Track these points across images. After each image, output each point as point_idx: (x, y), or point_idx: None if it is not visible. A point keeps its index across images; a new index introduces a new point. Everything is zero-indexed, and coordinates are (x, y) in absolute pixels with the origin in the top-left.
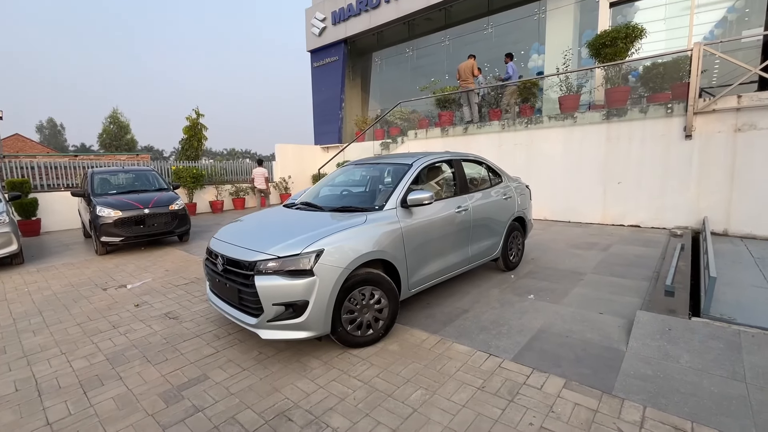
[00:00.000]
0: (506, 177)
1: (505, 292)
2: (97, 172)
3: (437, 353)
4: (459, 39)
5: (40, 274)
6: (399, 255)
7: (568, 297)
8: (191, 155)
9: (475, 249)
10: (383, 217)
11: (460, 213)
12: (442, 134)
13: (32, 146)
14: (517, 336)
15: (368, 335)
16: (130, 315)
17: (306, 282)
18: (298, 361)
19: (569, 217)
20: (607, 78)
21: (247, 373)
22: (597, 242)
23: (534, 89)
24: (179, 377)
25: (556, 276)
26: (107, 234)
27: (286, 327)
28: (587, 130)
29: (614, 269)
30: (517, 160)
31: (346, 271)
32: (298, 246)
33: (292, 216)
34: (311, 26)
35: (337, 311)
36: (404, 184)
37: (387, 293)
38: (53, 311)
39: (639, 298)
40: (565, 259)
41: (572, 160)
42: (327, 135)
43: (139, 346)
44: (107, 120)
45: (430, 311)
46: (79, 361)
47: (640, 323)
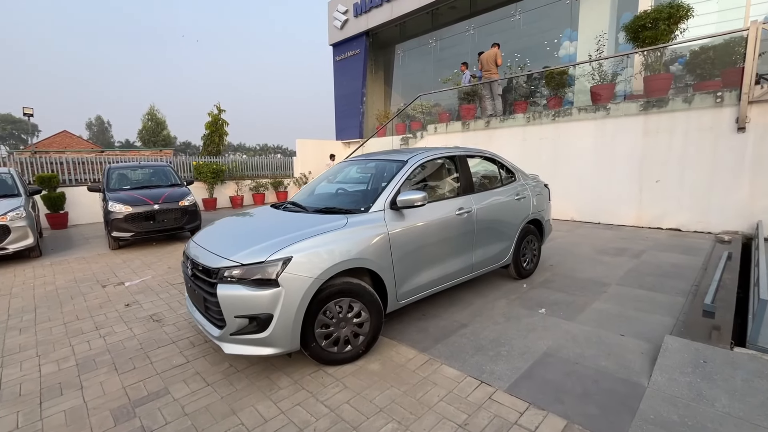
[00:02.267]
0: (521, 175)
1: (513, 305)
2: (113, 168)
3: (422, 377)
4: (485, 28)
5: (51, 268)
6: (384, 263)
7: (585, 313)
8: (213, 151)
9: (481, 255)
10: (367, 220)
11: (462, 215)
12: (463, 128)
13: (78, 142)
14: (517, 360)
15: (346, 352)
16: (117, 315)
17: (270, 293)
18: (268, 377)
19: (599, 218)
20: (647, 64)
21: (209, 390)
22: (628, 248)
23: (562, 79)
24: (139, 390)
25: (575, 286)
26: (118, 229)
27: (249, 342)
28: (621, 123)
29: (645, 280)
30: (542, 155)
31: (318, 281)
32: (263, 252)
33: (271, 217)
34: (333, 19)
35: (310, 325)
36: (395, 184)
37: (368, 306)
38: (47, 308)
39: (671, 317)
40: (588, 266)
41: (604, 155)
42: (348, 130)
43: (113, 351)
44: (145, 117)
45: (424, 324)
46: (49, 366)
47: (668, 351)
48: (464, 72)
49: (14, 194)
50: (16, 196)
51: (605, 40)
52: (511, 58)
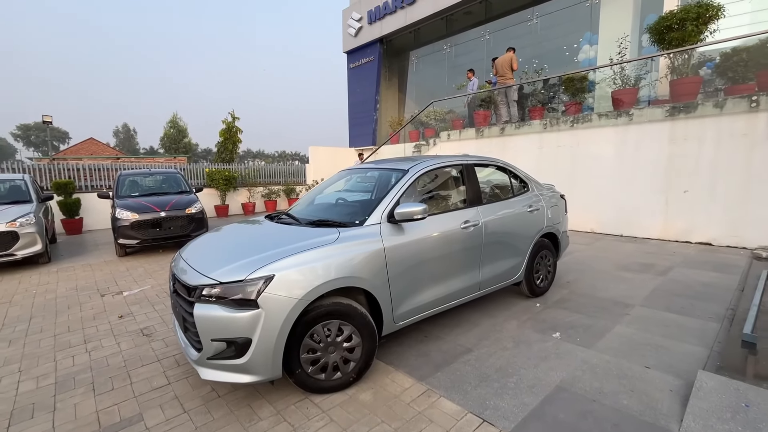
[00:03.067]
0: (534, 185)
1: (525, 327)
2: (124, 175)
3: (416, 411)
4: (501, 33)
5: (56, 275)
6: (379, 281)
7: (606, 339)
8: (226, 158)
9: (489, 272)
10: (361, 235)
11: (468, 229)
12: (477, 135)
13: (104, 149)
14: (526, 394)
15: (335, 379)
16: (109, 328)
17: (249, 315)
18: (249, 405)
19: (621, 229)
20: (673, 67)
21: (184, 418)
22: (653, 263)
23: (581, 84)
24: (112, 416)
25: (593, 307)
26: (124, 236)
27: (227, 368)
28: (645, 129)
29: (673, 301)
30: (559, 163)
31: (303, 302)
32: (243, 270)
33: (261, 230)
34: (348, 27)
35: (295, 350)
36: (394, 195)
37: (360, 329)
38: (42, 317)
39: (704, 347)
40: (608, 284)
41: (626, 163)
42: (362, 137)
43: (96, 369)
44: (168, 124)
45: (425, 348)
46: (28, 383)
47: (703, 391)
48: (471, 79)
49: (26, 200)
50: (28, 202)
51: (627, 43)
52: (528, 64)
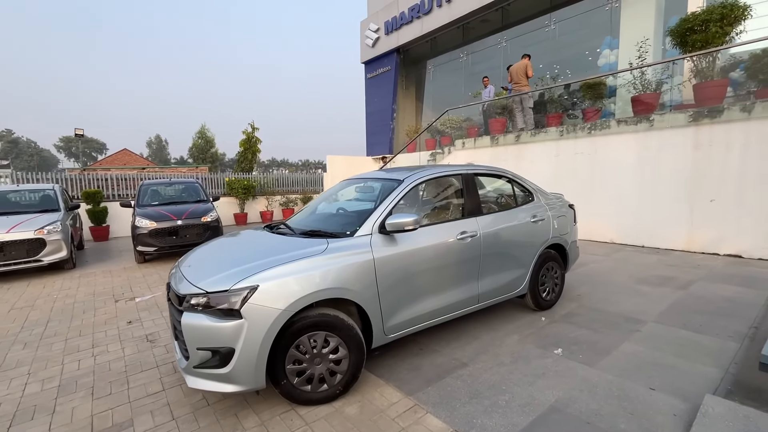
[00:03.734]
0: (539, 195)
1: (525, 342)
2: (145, 184)
3: (401, 427)
4: (517, 39)
5: (78, 280)
6: (368, 293)
7: (611, 357)
8: (245, 167)
9: (489, 284)
10: (350, 246)
11: (465, 240)
12: (492, 143)
13: (136, 159)
14: (516, 413)
15: (321, 391)
16: (117, 333)
17: (232, 325)
18: (235, 415)
19: (642, 240)
20: (697, 71)
21: (172, 425)
22: (674, 276)
23: (599, 89)
24: (105, 420)
25: (602, 322)
26: (142, 243)
27: (211, 377)
28: (667, 136)
29: (690, 318)
30: (577, 171)
31: (287, 313)
32: (229, 280)
33: (254, 240)
34: (365, 38)
35: (281, 360)
36: (387, 205)
37: (347, 341)
38: (58, 322)
39: (718, 368)
40: (622, 298)
41: (647, 171)
42: (379, 146)
43: (98, 373)
44: (197, 135)
45: (418, 361)
46: (34, 385)
47: (708, 417)
48: (487, 86)
49: (54, 209)
50: (56, 211)
51: (648, 47)
52: (546, 70)
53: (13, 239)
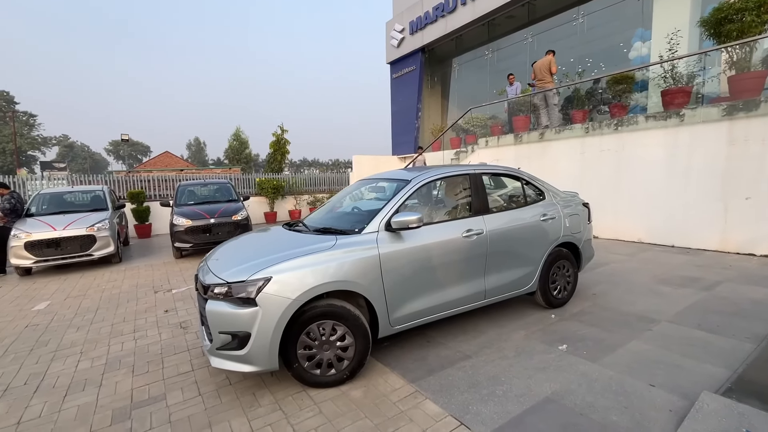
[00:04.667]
0: (551, 193)
1: (532, 338)
2: (182, 185)
3: (400, 410)
4: (544, 35)
5: (123, 273)
6: (374, 286)
7: (616, 354)
8: (275, 168)
9: (496, 281)
10: (358, 242)
11: (471, 237)
12: (516, 141)
13: (177, 161)
14: (511, 403)
15: (329, 375)
16: (155, 320)
17: (248, 312)
18: (253, 394)
19: (672, 240)
20: (732, 62)
21: (198, 400)
22: (700, 277)
23: (627, 84)
24: (143, 393)
25: (613, 321)
26: (179, 240)
27: (231, 358)
28: (699, 131)
29: (708, 319)
30: (603, 169)
31: (297, 302)
32: (246, 272)
33: (273, 237)
34: (390, 38)
35: (293, 345)
36: (393, 204)
37: (353, 330)
38: (106, 309)
39: (727, 369)
40: (639, 298)
41: (677, 168)
42: (404, 145)
43: (138, 354)
44: (232, 137)
45: (424, 352)
46: (85, 362)
47: (702, 413)
48: (512, 83)
49: (103, 208)
50: (104, 210)
51: (680, 38)
52: (574, 65)
53: (69, 235)
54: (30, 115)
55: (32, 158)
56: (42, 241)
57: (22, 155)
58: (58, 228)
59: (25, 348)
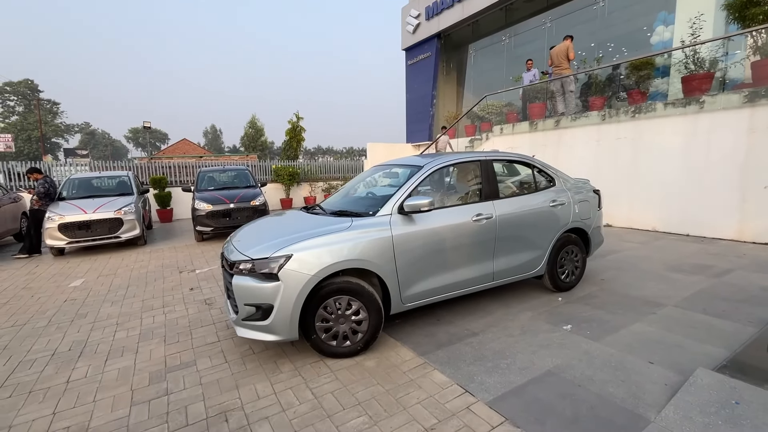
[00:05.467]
0: (561, 180)
1: (538, 318)
2: (202, 171)
3: (410, 378)
4: (563, 19)
5: (149, 254)
6: (386, 265)
7: (618, 334)
8: (290, 155)
9: (504, 264)
10: (372, 224)
11: (480, 221)
12: (531, 128)
13: (194, 148)
14: (514, 374)
15: (345, 347)
16: (182, 297)
17: (272, 286)
18: (275, 362)
19: (687, 229)
20: (756, 47)
21: (225, 366)
22: (712, 265)
23: (647, 70)
24: (175, 359)
25: (620, 305)
26: (201, 224)
27: (255, 328)
28: (718, 118)
29: (714, 304)
30: (619, 157)
31: (315, 278)
32: (269, 250)
33: (292, 219)
34: (406, 24)
35: (311, 318)
36: (406, 189)
37: (367, 305)
38: (136, 287)
39: (726, 349)
40: (648, 283)
41: (696, 156)
42: (419, 133)
43: (168, 326)
44: (248, 125)
45: (434, 329)
46: (121, 332)
47: (695, 386)
48: (529, 69)
49: (129, 193)
50: (130, 194)
51: (702, 23)
52: (594, 52)
53: (98, 218)
54: (53, 103)
55: (56, 145)
56: (74, 223)
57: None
58: (89, 211)
59: (66, 319)
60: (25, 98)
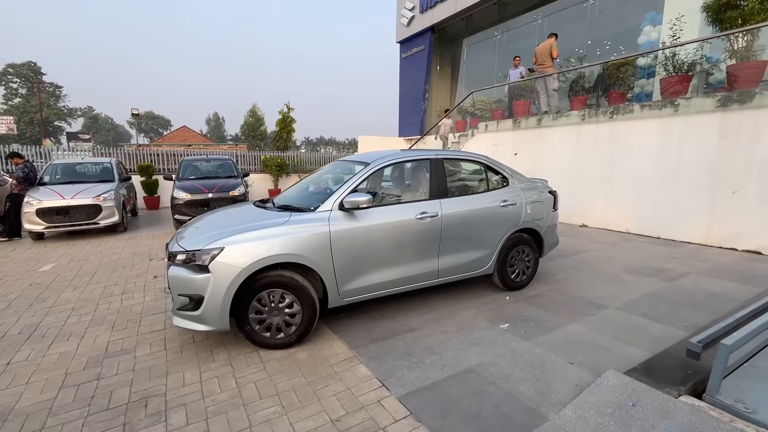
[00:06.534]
0: (515, 180)
1: (479, 316)
2: (185, 160)
3: (334, 372)
4: (554, 16)
5: (126, 242)
6: (323, 261)
7: (551, 334)
8: (281, 146)
9: (450, 261)
10: (309, 219)
11: (424, 219)
12: (514, 126)
13: (194, 136)
14: (435, 370)
15: (278, 339)
16: (143, 285)
17: (202, 278)
18: (210, 351)
19: (659, 231)
20: (733, 51)
21: (162, 354)
22: (669, 268)
23: (628, 70)
24: (117, 345)
25: (564, 305)
26: (179, 213)
27: (188, 317)
28: (692, 122)
29: (656, 307)
30: (597, 157)
31: (246, 272)
32: (203, 242)
33: (238, 212)
34: (401, 16)
35: (245, 310)
36: (349, 185)
37: (300, 299)
38: (103, 273)
39: (649, 352)
40: (599, 285)
41: (668, 159)
42: (411, 127)
43: (121, 313)
44: (248, 114)
45: (375, 323)
46: (73, 317)
47: (600, 387)
48: (517, 66)
49: (110, 180)
50: (111, 181)
51: (683, 24)
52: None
53: (76, 204)
54: (56, 87)
55: (58, 129)
56: (52, 208)
57: (49, 126)
58: (67, 197)
59: (25, 303)
60: (28, 81)
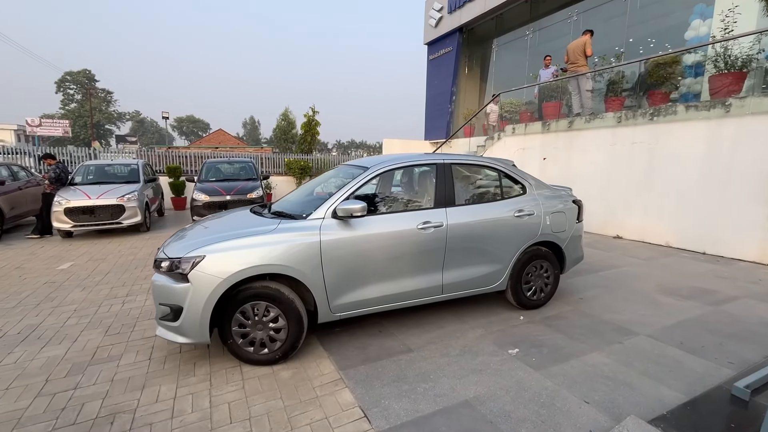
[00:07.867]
0: (533, 187)
1: (487, 338)
2: (208, 162)
3: (315, 395)
4: (590, 12)
5: (146, 242)
6: (312, 272)
7: (567, 364)
8: (305, 149)
9: (456, 276)
10: (299, 227)
11: (427, 230)
12: (543, 129)
13: (229, 139)
14: (426, 402)
15: (262, 354)
16: (148, 287)
17: (181, 287)
18: (194, 364)
19: (704, 246)
20: None
21: (145, 364)
22: (715, 290)
23: (672, 69)
24: (104, 352)
25: (586, 329)
26: (198, 214)
27: (169, 328)
28: (747, 124)
29: (695, 337)
30: (634, 163)
31: (227, 282)
32: (185, 250)
33: (229, 219)
34: (429, 18)
35: (228, 322)
36: (345, 192)
37: (286, 313)
38: (114, 273)
39: (683, 393)
40: (629, 306)
41: (718, 166)
42: (437, 130)
43: (119, 317)
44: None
45: (370, 341)
46: (73, 319)
47: None
48: (548, 66)
49: (135, 181)
50: (136, 182)
51: (737, 16)
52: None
53: (101, 204)
54: (107, 92)
55: (108, 131)
56: (78, 207)
57: (100, 129)
58: (93, 197)
59: (34, 302)
60: (83, 87)
